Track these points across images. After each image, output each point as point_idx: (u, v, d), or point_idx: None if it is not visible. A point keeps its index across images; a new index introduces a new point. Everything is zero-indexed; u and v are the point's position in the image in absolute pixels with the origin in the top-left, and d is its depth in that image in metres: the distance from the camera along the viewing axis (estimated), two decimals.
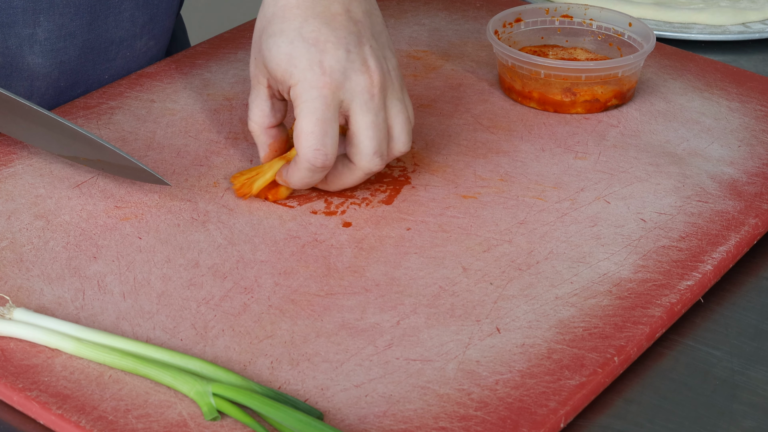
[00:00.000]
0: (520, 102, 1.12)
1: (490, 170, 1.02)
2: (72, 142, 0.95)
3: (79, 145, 0.95)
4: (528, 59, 1.10)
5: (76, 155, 0.96)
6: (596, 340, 0.84)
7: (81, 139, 0.94)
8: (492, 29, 1.13)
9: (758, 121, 1.11)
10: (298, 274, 0.90)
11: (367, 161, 0.94)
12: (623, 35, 1.15)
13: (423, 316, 0.86)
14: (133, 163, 0.93)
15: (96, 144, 0.94)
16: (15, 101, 0.94)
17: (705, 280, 0.91)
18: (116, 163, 0.94)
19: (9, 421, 0.79)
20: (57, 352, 0.82)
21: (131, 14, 1.13)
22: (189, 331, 0.84)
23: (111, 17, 1.11)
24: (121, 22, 1.13)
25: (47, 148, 0.98)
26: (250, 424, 0.76)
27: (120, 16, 1.12)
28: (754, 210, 0.98)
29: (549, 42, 1.18)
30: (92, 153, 0.95)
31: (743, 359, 0.86)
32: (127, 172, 0.95)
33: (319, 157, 0.92)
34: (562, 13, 1.17)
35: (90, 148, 0.94)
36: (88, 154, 0.95)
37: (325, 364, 0.82)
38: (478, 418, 0.78)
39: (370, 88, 0.93)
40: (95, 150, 0.94)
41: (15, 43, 1.07)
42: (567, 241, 0.94)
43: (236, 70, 1.15)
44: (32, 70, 1.09)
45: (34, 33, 1.07)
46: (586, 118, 1.10)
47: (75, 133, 0.94)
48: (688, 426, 0.81)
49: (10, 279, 0.88)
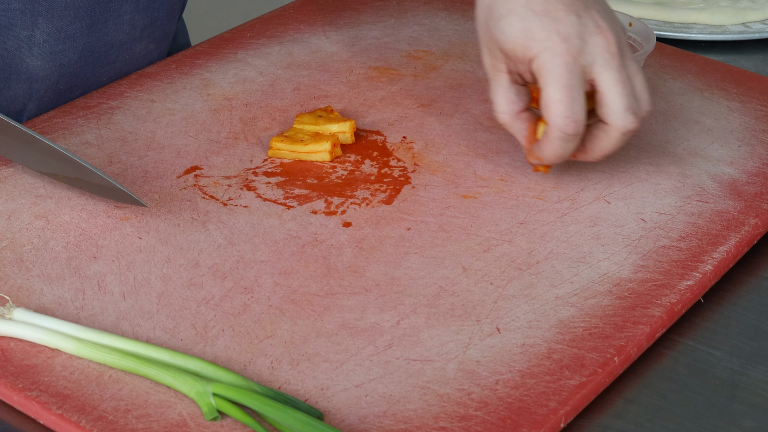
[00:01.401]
0: None
1: (490, 170, 1.02)
2: (51, 159, 0.95)
3: (57, 163, 0.94)
4: None
5: (56, 173, 0.96)
6: (596, 340, 0.84)
7: (60, 157, 0.93)
8: None
9: (758, 121, 1.11)
10: (298, 274, 0.90)
11: (621, 119, 0.94)
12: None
13: (423, 316, 0.86)
14: (110, 183, 0.93)
15: (74, 163, 0.93)
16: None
17: (705, 280, 0.91)
18: (94, 182, 0.94)
19: (9, 421, 0.79)
20: (57, 352, 0.82)
21: (131, 17, 1.13)
22: (189, 331, 0.84)
23: (111, 20, 1.11)
24: (120, 25, 1.12)
25: (27, 164, 0.98)
26: (250, 424, 0.76)
27: (120, 20, 1.12)
28: (754, 210, 0.98)
29: None
30: (71, 171, 0.94)
31: (743, 359, 0.86)
32: (105, 191, 0.95)
33: (570, 125, 0.93)
34: None
35: (69, 167, 0.94)
36: (67, 172, 0.95)
37: (325, 364, 0.82)
38: (478, 418, 0.78)
39: (609, 47, 0.94)
40: (74, 168, 0.94)
41: (13, 45, 1.07)
42: (567, 241, 0.94)
43: (236, 70, 1.15)
44: (31, 72, 1.09)
45: (33, 35, 1.07)
46: None
47: (54, 152, 0.93)
48: (688, 426, 0.81)
49: (10, 279, 0.88)
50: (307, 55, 1.18)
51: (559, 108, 0.93)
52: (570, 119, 0.93)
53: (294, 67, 1.16)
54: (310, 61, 1.17)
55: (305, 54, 1.18)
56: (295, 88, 1.13)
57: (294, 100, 1.11)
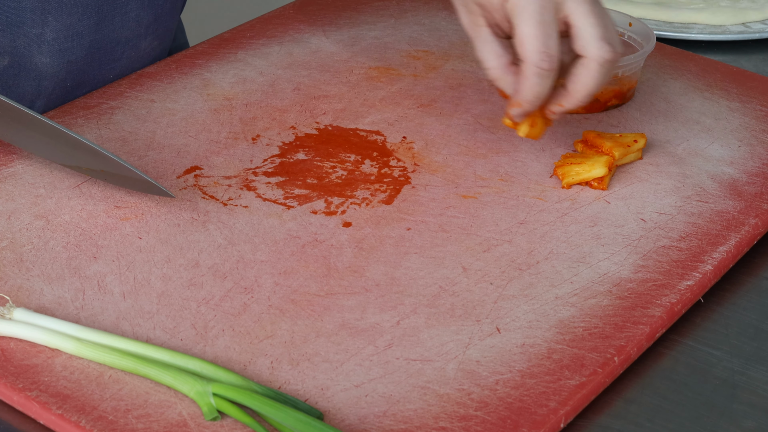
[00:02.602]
0: None
1: (490, 170, 1.02)
2: (75, 151, 0.95)
3: (83, 155, 0.95)
4: None
5: (79, 165, 0.96)
6: (596, 340, 0.84)
7: (84, 149, 0.94)
8: None
9: (758, 121, 1.11)
10: (298, 274, 0.90)
11: (597, 47, 0.95)
12: (623, 35, 1.15)
13: (423, 316, 0.86)
14: (137, 174, 0.93)
15: (100, 154, 0.93)
16: (18, 110, 0.94)
17: (705, 280, 0.91)
18: (120, 173, 0.94)
19: (9, 421, 0.79)
20: (57, 352, 0.82)
21: (137, 14, 1.13)
22: (189, 331, 0.84)
23: (117, 17, 1.12)
24: (127, 22, 1.13)
25: (50, 157, 0.98)
26: (250, 424, 0.76)
27: (126, 16, 1.12)
28: (754, 210, 0.98)
29: None
30: (96, 163, 0.95)
31: (743, 359, 0.86)
32: (131, 182, 0.95)
33: (545, 59, 0.94)
34: None
35: (94, 158, 0.94)
36: (91, 164, 0.95)
37: (325, 364, 0.82)
38: (478, 418, 0.78)
39: None
40: (99, 160, 0.94)
41: (23, 43, 1.07)
42: (567, 241, 0.94)
43: (236, 70, 1.15)
44: (40, 69, 1.09)
45: (43, 33, 1.07)
46: (586, 118, 1.10)
47: (78, 143, 0.94)
48: (688, 426, 0.81)
49: (10, 279, 0.88)
50: (307, 55, 1.18)
51: (534, 43, 0.95)
52: (545, 53, 0.94)
53: (294, 67, 1.16)
54: (310, 61, 1.17)
55: (305, 54, 1.18)
56: (295, 88, 1.13)
57: (294, 100, 1.11)
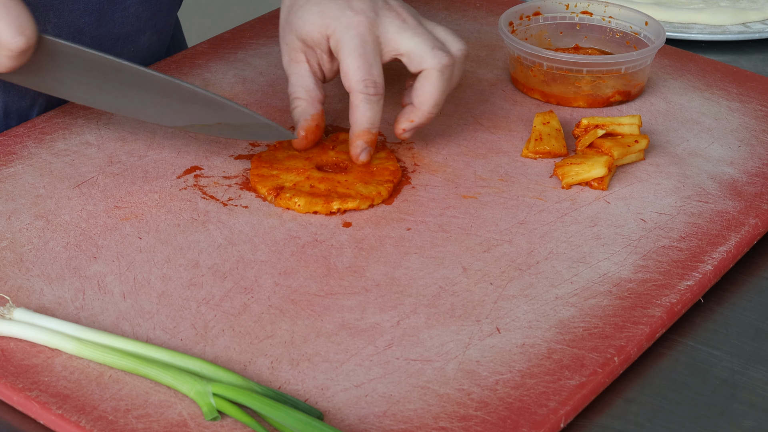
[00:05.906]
0: (525, 93, 1.13)
1: (490, 170, 1.02)
2: (188, 107, 0.95)
3: (197, 110, 0.95)
4: (531, 50, 1.10)
5: (192, 123, 0.96)
6: (596, 340, 0.84)
7: (200, 101, 0.94)
8: (506, 21, 1.14)
9: (758, 121, 1.11)
10: (298, 274, 0.90)
11: (430, 57, 0.99)
12: (639, 34, 1.16)
13: (423, 316, 0.86)
14: (257, 119, 0.94)
15: (217, 104, 0.94)
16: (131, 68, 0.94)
17: (705, 280, 0.91)
18: (237, 123, 0.95)
19: (9, 421, 0.79)
20: (57, 352, 0.82)
21: (136, 9, 1.14)
22: (189, 331, 0.84)
23: (117, 13, 1.12)
24: (126, 17, 1.13)
25: (158, 120, 0.98)
26: (250, 424, 0.76)
27: (126, 12, 1.13)
28: (754, 210, 0.98)
29: (562, 40, 1.18)
30: (211, 117, 0.95)
31: (743, 359, 0.86)
32: (249, 131, 0.96)
33: (369, 85, 0.97)
34: (582, 9, 1.18)
35: (209, 112, 0.95)
36: (206, 120, 0.96)
37: (325, 364, 0.82)
38: (478, 418, 0.78)
39: (400, 16, 1.00)
40: (215, 112, 0.95)
41: None
42: (567, 241, 0.94)
43: (236, 70, 1.15)
44: None
45: (44, 30, 1.07)
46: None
47: (194, 96, 0.94)
48: (688, 426, 0.81)
49: (10, 279, 0.88)
50: None
51: (358, 74, 0.97)
52: (369, 80, 0.97)
53: None
54: None
55: None
56: None
57: None
